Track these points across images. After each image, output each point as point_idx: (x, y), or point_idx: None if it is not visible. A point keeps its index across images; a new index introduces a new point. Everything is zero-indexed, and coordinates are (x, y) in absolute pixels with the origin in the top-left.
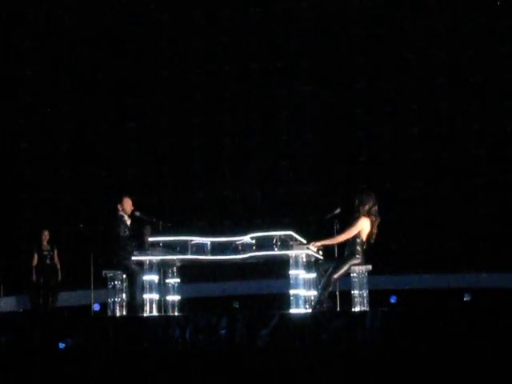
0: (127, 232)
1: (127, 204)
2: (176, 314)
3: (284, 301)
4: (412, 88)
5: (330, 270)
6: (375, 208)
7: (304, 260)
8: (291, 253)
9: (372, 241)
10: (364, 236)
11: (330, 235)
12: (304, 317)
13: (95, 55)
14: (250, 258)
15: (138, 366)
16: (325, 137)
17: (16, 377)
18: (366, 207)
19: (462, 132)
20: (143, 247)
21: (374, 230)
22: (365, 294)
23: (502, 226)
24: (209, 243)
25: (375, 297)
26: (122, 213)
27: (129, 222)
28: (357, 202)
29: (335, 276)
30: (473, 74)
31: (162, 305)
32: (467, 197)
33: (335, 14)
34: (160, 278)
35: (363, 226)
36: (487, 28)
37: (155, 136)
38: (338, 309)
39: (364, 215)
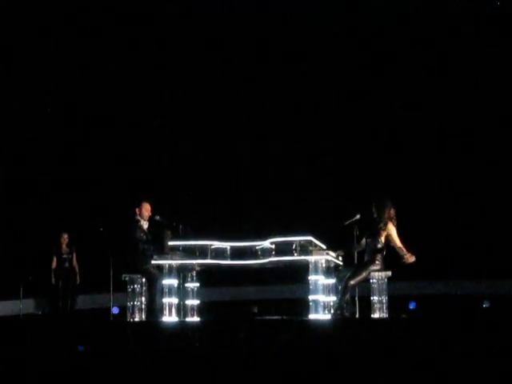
0: (144, 236)
1: (145, 209)
2: (195, 318)
3: (303, 306)
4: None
5: (348, 275)
6: (392, 210)
7: (323, 265)
8: (311, 258)
9: (391, 243)
10: (385, 241)
11: (350, 241)
12: (323, 323)
13: None
14: (270, 262)
15: (156, 370)
16: (344, 142)
17: (34, 379)
18: (388, 212)
19: (482, 140)
20: (163, 251)
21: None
22: (384, 300)
23: None
24: (228, 248)
25: (394, 303)
26: (138, 217)
27: (146, 226)
28: (375, 209)
29: (352, 282)
30: None
31: (181, 309)
32: (488, 203)
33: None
34: (179, 282)
35: (394, 232)
36: None
37: (174, 139)
38: (357, 315)
39: (389, 220)
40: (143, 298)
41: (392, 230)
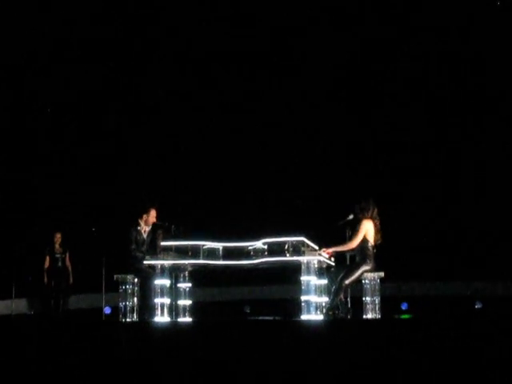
0: (139, 238)
1: (152, 216)
2: (187, 318)
3: (295, 307)
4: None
5: (342, 275)
6: (375, 210)
7: (316, 266)
8: (303, 259)
9: (379, 242)
10: (371, 239)
11: (343, 241)
12: (315, 323)
13: None
14: (262, 263)
15: (148, 371)
16: (338, 142)
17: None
18: (368, 212)
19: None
20: (155, 251)
21: (378, 232)
22: (377, 301)
23: None
24: (221, 248)
25: (386, 304)
26: (140, 221)
27: (147, 230)
28: (358, 210)
29: (346, 282)
30: None
31: (173, 309)
32: (480, 203)
33: None
34: (172, 282)
35: (367, 228)
36: None
37: (163, 137)
38: (351, 315)
39: (365, 218)
40: (135, 299)
41: (365, 225)
